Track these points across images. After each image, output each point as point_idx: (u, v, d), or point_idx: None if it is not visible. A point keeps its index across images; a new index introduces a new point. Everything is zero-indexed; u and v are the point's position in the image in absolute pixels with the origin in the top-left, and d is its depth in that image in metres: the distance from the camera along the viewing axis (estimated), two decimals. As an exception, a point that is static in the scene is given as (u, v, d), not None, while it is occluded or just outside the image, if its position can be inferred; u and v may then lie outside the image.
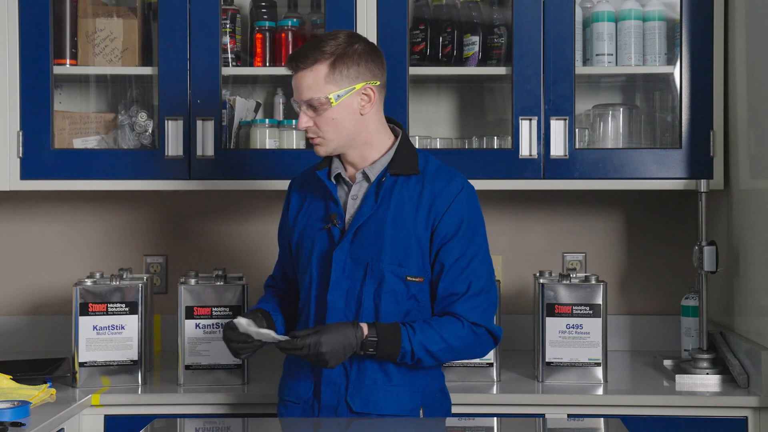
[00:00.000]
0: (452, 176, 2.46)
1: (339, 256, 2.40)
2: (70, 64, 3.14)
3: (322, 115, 2.38)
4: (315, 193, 2.51)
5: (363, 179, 2.45)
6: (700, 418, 2.74)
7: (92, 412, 2.74)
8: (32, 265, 3.46)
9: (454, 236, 2.40)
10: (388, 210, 2.40)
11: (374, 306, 2.40)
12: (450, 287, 2.39)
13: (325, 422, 2.39)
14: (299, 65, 2.38)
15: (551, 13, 3.04)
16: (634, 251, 3.44)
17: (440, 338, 2.35)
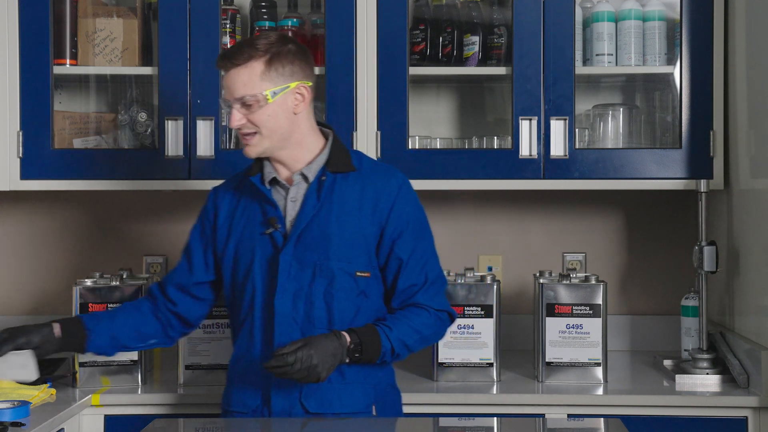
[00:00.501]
0: (390, 172, 2.51)
1: (285, 260, 2.39)
2: (70, 64, 3.14)
3: (257, 112, 2.37)
4: (248, 199, 2.49)
5: (301, 180, 2.44)
6: (700, 418, 2.74)
7: (92, 412, 2.74)
8: (32, 265, 3.46)
9: (405, 231, 2.45)
10: (332, 208, 2.42)
11: (326, 306, 2.40)
12: (409, 280, 2.45)
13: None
14: (234, 62, 2.37)
15: (551, 13, 3.04)
16: (634, 251, 3.44)
17: (413, 330, 2.41)
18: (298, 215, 2.42)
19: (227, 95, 2.40)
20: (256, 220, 2.45)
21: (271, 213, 2.43)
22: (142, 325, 2.55)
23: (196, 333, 2.84)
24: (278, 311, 2.39)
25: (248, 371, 2.43)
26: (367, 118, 3.06)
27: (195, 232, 2.57)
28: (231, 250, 2.48)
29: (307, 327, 2.39)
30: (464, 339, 2.91)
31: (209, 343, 2.86)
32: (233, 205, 2.51)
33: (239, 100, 2.37)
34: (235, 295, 2.48)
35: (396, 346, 2.38)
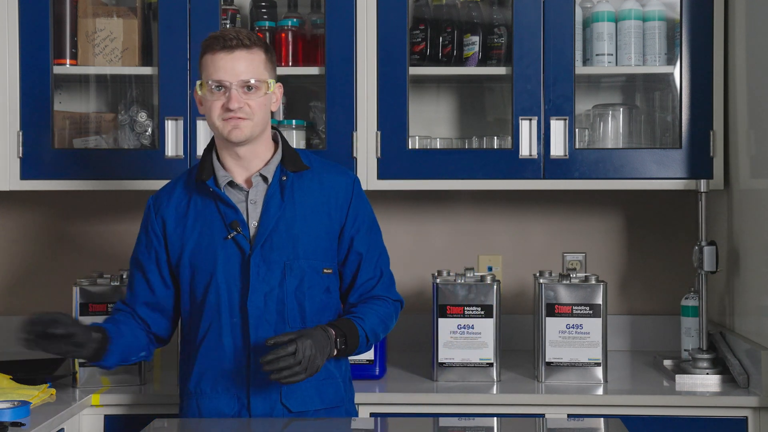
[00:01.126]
0: (342, 170, 2.54)
1: (255, 262, 2.38)
2: (70, 64, 3.14)
3: (257, 99, 2.37)
4: (199, 204, 2.44)
5: (260, 181, 2.44)
6: (700, 418, 2.74)
7: (92, 412, 2.74)
8: (32, 265, 3.46)
9: (362, 227, 2.50)
10: (295, 208, 2.42)
11: (298, 304, 2.41)
12: (367, 273, 2.50)
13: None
14: (242, 43, 2.35)
15: (551, 13, 3.04)
16: (634, 251, 3.44)
17: (380, 320, 2.47)
18: (262, 217, 2.40)
19: (227, 76, 2.35)
20: (214, 224, 2.41)
21: (231, 216, 2.40)
22: (138, 339, 2.48)
23: (196, 333, 2.84)
24: (252, 313, 2.37)
25: (220, 380, 2.40)
26: (367, 118, 3.06)
27: (142, 248, 2.50)
28: (186, 258, 2.43)
29: (280, 327, 2.38)
30: (464, 339, 2.91)
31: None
32: (181, 212, 2.46)
33: (244, 82, 2.35)
34: (194, 306, 2.44)
35: (369, 335, 2.43)
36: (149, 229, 2.49)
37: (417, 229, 3.45)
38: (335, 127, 3.06)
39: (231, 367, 2.39)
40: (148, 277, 2.48)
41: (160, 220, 2.47)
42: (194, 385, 2.43)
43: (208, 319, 2.41)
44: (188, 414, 2.45)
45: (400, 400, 2.76)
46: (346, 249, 2.48)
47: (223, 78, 2.35)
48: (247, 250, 2.39)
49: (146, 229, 2.50)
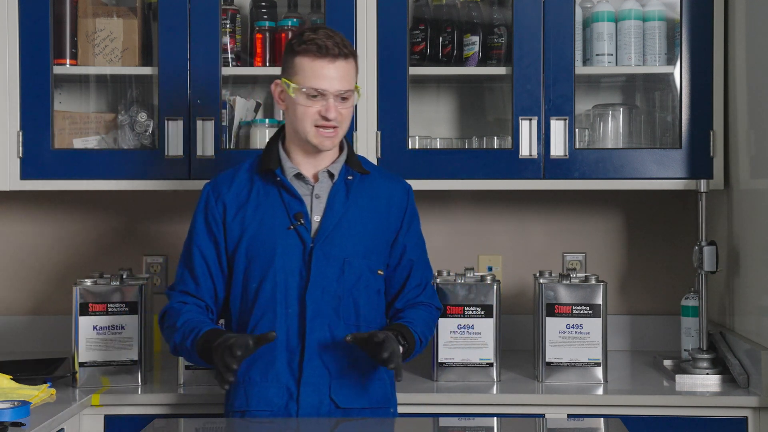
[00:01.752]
0: (398, 178, 2.60)
1: (317, 255, 2.40)
2: (70, 64, 3.14)
3: (348, 107, 2.41)
4: (261, 193, 2.46)
5: (326, 177, 2.46)
6: (700, 418, 2.74)
7: (92, 412, 2.74)
8: (32, 265, 3.46)
9: (414, 236, 2.55)
10: (357, 207, 2.46)
11: (353, 302, 2.43)
12: (416, 280, 2.55)
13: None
14: (342, 52, 2.37)
15: (551, 13, 3.04)
16: (634, 251, 3.44)
17: (427, 327, 2.52)
18: (326, 212, 2.43)
19: (327, 85, 2.36)
20: (275, 214, 2.43)
21: (296, 208, 2.42)
22: None
23: (196, 333, 2.84)
24: (310, 307, 2.39)
25: (270, 369, 2.40)
26: (367, 118, 3.06)
27: (202, 235, 2.49)
28: (245, 245, 2.44)
29: (335, 323, 2.41)
30: (464, 339, 2.91)
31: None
32: (242, 199, 2.47)
33: (341, 92, 2.38)
34: (247, 294, 2.44)
35: (422, 340, 2.47)
36: (209, 215, 2.48)
37: (417, 229, 3.44)
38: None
39: (283, 357, 2.40)
40: (209, 263, 2.47)
41: (220, 206, 2.47)
42: (243, 374, 2.42)
43: (262, 308, 2.41)
44: (234, 402, 2.45)
45: (400, 400, 2.75)
46: (399, 255, 2.52)
47: (323, 87, 2.37)
48: (308, 243, 2.41)
49: (205, 215, 2.49)
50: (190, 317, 2.42)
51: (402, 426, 2.49)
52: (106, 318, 2.85)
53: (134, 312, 2.87)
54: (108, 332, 2.85)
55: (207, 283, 2.48)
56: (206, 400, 2.75)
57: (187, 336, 2.38)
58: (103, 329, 2.85)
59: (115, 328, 2.86)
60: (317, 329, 2.39)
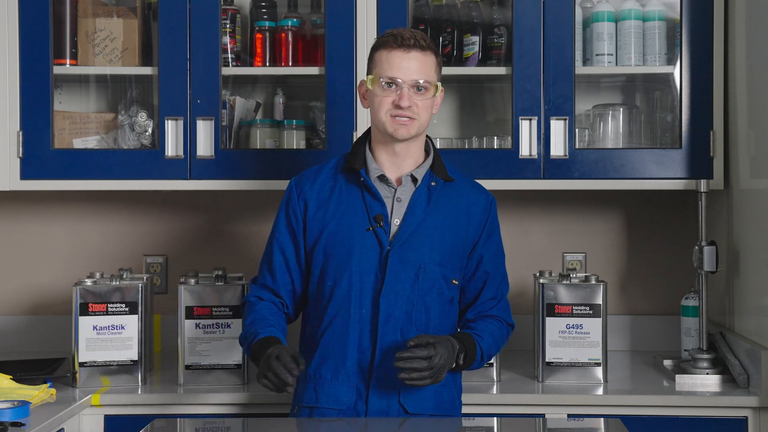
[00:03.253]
0: (481, 188, 2.58)
1: (393, 259, 2.40)
2: (70, 64, 3.14)
3: (425, 100, 2.41)
4: (344, 192, 2.47)
5: (409, 181, 2.46)
6: (700, 418, 2.74)
7: (92, 412, 2.74)
8: (32, 265, 3.46)
9: (492, 247, 2.53)
10: (437, 214, 2.45)
11: (425, 309, 2.42)
12: (489, 293, 2.53)
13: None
14: (419, 44, 2.39)
15: (551, 13, 3.04)
16: (634, 251, 3.44)
17: (494, 341, 2.51)
18: (406, 216, 2.43)
19: (401, 74, 2.38)
20: (356, 213, 2.43)
21: (377, 209, 2.42)
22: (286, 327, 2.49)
23: (195, 333, 2.85)
24: (383, 309, 2.39)
25: (341, 368, 2.40)
26: (367, 118, 3.05)
27: (282, 229, 2.50)
28: (323, 242, 2.44)
29: (407, 328, 2.40)
30: (464, 339, 2.90)
31: (209, 343, 2.86)
32: (324, 196, 2.47)
33: (416, 83, 2.39)
34: (323, 291, 2.44)
35: (485, 355, 2.46)
36: (290, 210, 2.50)
37: (417, 229, 3.44)
38: (335, 127, 3.06)
39: (354, 357, 2.40)
40: (287, 258, 2.49)
41: (302, 203, 2.48)
42: (314, 370, 2.43)
43: (336, 307, 2.41)
44: (304, 398, 2.44)
45: (400, 400, 2.76)
46: (475, 265, 2.51)
47: (397, 75, 2.39)
48: (386, 245, 2.40)
49: (287, 210, 2.50)
50: (258, 316, 2.45)
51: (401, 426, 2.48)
52: (106, 318, 2.85)
53: (134, 312, 2.87)
54: (108, 332, 2.85)
55: (284, 278, 2.49)
56: (206, 400, 2.75)
57: (247, 337, 2.41)
58: (103, 329, 2.85)
59: (115, 328, 2.86)
60: (389, 332, 2.39)
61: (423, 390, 2.40)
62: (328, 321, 2.42)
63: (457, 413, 2.51)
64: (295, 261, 2.49)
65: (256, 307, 2.48)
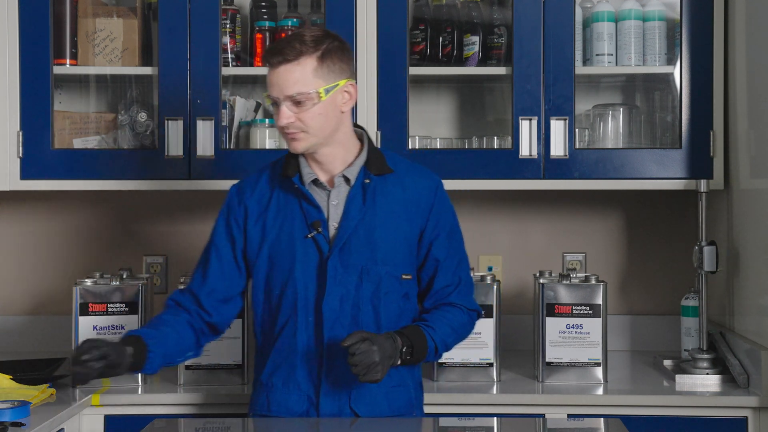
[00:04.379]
0: (426, 173, 2.51)
1: (332, 264, 2.36)
2: (70, 64, 3.14)
3: (309, 110, 2.31)
4: (282, 199, 2.42)
5: (342, 182, 2.41)
6: (700, 418, 2.74)
7: (92, 412, 2.74)
8: (32, 265, 3.46)
9: (441, 233, 2.46)
10: (376, 212, 2.40)
11: (373, 309, 2.39)
12: (445, 280, 2.47)
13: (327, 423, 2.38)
14: (286, 58, 2.30)
15: (551, 13, 3.04)
16: (634, 251, 3.44)
17: (452, 329, 2.44)
18: (343, 219, 2.38)
19: (275, 92, 2.33)
20: (294, 221, 2.39)
21: (314, 215, 2.38)
22: (184, 339, 2.42)
23: (196, 333, 2.84)
24: (327, 316, 2.35)
25: (291, 377, 2.38)
26: (367, 118, 3.06)
27: (221, 234, 2.48)
28: (266, 252, 2.41)
29: (354, 330, 2.35)
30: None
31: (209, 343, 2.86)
32: (263, 204, 2.44)
33: (290, 97, 2.31)
34: (271, 300, 2.42)
35: (439, 346, 2.41)
36: (230, 216, 2.46)
37: (417, 229, 3.44)
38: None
39: (303, 365, 2.38)
40: (223, 263, 2.45)
41: (242, 210, 2.44)
42: (267, 378, 2.42)
43: (285, 315, 2.39)
44: (257, 406, 2.44)
45: (400, 400, 2.76)
46: (424, 254, 2.46)
47: (274, 94, 2.34)
48: (325, 251, 2.37)
49: (227, 216, 2.47)
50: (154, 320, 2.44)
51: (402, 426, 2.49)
52: (106, 318, 2.85)
53: (134, 312, 2.87)
54: (108, 332, 2.85)
55: (217, 284, 2.45)
56: (206, 400, 2.75)
57: None
58: (103, 329, 2.85)
59: (115, 328, 2.86)
60: (336, 339, 2.35)
61: (374, 393, 2.38)
62: (278, 330, 2.41)
63: (414, 411, 2.47)
64: (234, 267, 2.46)
65: (164, 312, 2.46)
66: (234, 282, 2.47)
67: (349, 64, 2.39)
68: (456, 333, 2.46)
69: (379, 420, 2.39)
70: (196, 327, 2.45)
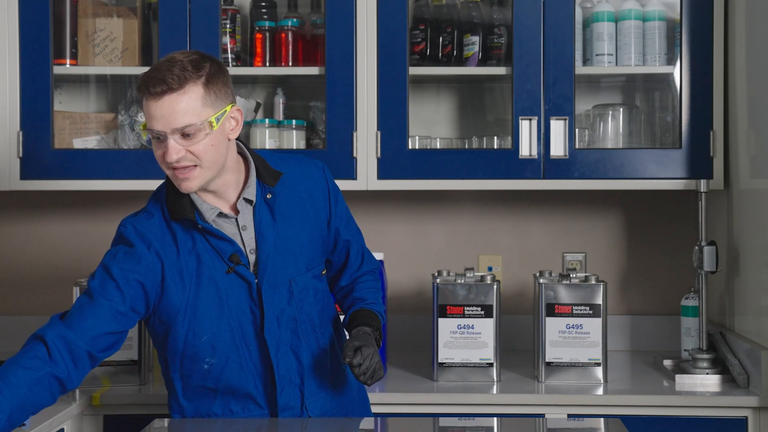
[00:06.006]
0: (307, 161, 2.42)
1: (265, 288, 2.27)
2: (70, 64, 3.14)
3: (200, 142, 2.13)
4: (189, 241, 2.24)
5: (245, 205, 2.27)
6: (700, 418, 2.74)
7: (92, 412, 2.74)
8: (32, 265, 3.46)
9: (342, 212, 2.46)
10: (286, 221, 2.32)
11: (307, 317, 2.36)
12: (356, 257, 2.49)
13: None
14: (170, 87, 2.10)
15: (551, 13, 3.04)
16: (634, 251, 3.44)
17: (378, 294, 2.50)
18: (259, 242, 2.27)
19: (160, 126, 2.11)
20: (210, 261, 2.24)
21: (229, 250, 2.24)
22: (37, 395, 2.11)
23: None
24: (270, 341, 2.29)
25: (249, 401, 2.33)
26: (367, 118, 3.06)
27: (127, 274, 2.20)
28: (186, 300, 2.24)
29: (296, 345, 2.33)
30: (464, 339, 2.91)
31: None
32: (171, 250, 2.24)
33: (180, 129, 2.11)
34: (196, 346, 2.27)
35: (381, 315, 2.46)
36: (141, 259, 2.21)
37: (417, 229, 3.45)
38: (335, 127, 3.06)
39: (259, 389, 2.33)
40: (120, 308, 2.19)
41: (154, 255, 2.22)
42: (222, 407, 2.33)
43: (224, 356, 2.28)
44: None
45: (400, 400, 2.76)
46: (334, 239, 2.44)
47: (157, 128, 2.12)
48: (252, 280, 2.27)
49: (137, 257, 2.21)
50: (13, 367, 2.15)
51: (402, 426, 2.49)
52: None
53: (134, 312, 2.86)
54: (108, 332, 2.84)
55: (108, 325, 2.18)
56: (206, 400, 2.75)
57: None
58: (103, 329, 2.84)
59: (115, 328, 2.85)
60: (282, 359, 2.31)
61: (327, 399, 2.38)
62: (219, 369, 2.29)
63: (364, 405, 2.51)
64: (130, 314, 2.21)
65: (29, 355, 2.17)
66: (121, 331, 2.22)
67: (230, 86, 2.23)
68: (379, 294, 2.51)
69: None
70: (61, 372, 2.15)
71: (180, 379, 2.33)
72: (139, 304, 2.23)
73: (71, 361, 2.15)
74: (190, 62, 2.14)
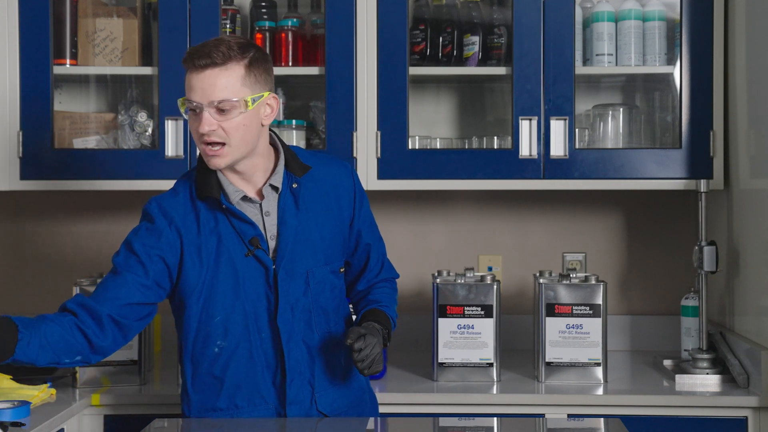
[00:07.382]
0: (338, 162, 2.48)
1: (282, 276, 2.30)
2: (70, 64, 3.14)
3: (233, 120, 2.21)
4: (212, 221, 2.30)
5: (271, 191, 2.33)
6: (700, 418, 2.74)
7: (92, 412, 2.74)
8: (32, 265, 3.46)
9: (366, 216, 2.48)
10: (309, 213, 2.35)
11: (322, 311, 2.37)
12: (374, 261, 2.51)
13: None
14: (214, 62, 2.18)
15: (551, 13, 3.04)
16: (634, 251, 3.44)
17: (394, 301, 2.52)
18: (280, 229, 2.32)
19: (198, 97, 2.19)
20: (230, 242, 2.29)
21: (250, 233, 2.29)
22: (74, 338, 2.26)
23: (196, 333, 2.84)
24: (282, 329, 2.31)
25: (256, 394, 2.34)
26: (367, 118, 3.06)
27: (150, 249, 2.29)
28: (204, 278, 2.30)
29: (308, 336, 2.35)
30: (464, 339, 2.91)
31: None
32: (193, 228, 2.30)
33: (216, 103, 2.19)
34: (211, 325, 2.31)
35: (394, 319, 2.47)
36: (162, 235, 2.29)
37: (417, 229, 3.45)
38: (335, 127, 3.06)
39: (267, 380, 2.34)
40: (148, 282, 2.29)
41: (174, 231, 2.30)
42: (227, 401, 2.34)
43: (235, 340, 2.31)
44: None
45: (400, 400, 2.76)
46: (356, 241, 2.46)
47: (193, 98, 2.20)
48: (270, 266, 2.30)
49: (159, 235, 2.30)
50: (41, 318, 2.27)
51: (402, 426, 2.49)
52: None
53: (134, 312, 2.86)
54: (108, 332, 2.84)
55: (134, 295, 2.28)
56: (206, 400, 2.75)
57: None
58: (103, 329, 2.84)
59: (115, 328, 2.85)
60: (294, 348, 2.33)
61: (335, 391, 2.39)
62: (228, 354, 2.32)
63: (367, 395, 2.50)
64: (155, 288, 2.30)
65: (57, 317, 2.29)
66: (150, 304, 2.33)
67: (271, 76, 2.31)
68: (396, 304, 2.53)
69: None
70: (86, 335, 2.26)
71: (191, 363, 2.36)
72: (164, 279, 2.31)
73: (94, 324, 2.26)
74: (237, 44, 2.23)
